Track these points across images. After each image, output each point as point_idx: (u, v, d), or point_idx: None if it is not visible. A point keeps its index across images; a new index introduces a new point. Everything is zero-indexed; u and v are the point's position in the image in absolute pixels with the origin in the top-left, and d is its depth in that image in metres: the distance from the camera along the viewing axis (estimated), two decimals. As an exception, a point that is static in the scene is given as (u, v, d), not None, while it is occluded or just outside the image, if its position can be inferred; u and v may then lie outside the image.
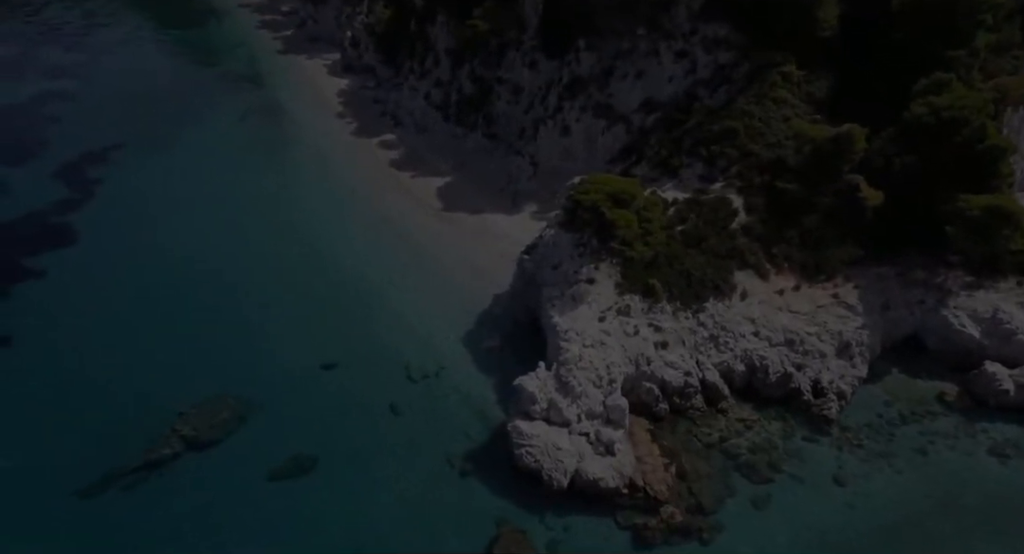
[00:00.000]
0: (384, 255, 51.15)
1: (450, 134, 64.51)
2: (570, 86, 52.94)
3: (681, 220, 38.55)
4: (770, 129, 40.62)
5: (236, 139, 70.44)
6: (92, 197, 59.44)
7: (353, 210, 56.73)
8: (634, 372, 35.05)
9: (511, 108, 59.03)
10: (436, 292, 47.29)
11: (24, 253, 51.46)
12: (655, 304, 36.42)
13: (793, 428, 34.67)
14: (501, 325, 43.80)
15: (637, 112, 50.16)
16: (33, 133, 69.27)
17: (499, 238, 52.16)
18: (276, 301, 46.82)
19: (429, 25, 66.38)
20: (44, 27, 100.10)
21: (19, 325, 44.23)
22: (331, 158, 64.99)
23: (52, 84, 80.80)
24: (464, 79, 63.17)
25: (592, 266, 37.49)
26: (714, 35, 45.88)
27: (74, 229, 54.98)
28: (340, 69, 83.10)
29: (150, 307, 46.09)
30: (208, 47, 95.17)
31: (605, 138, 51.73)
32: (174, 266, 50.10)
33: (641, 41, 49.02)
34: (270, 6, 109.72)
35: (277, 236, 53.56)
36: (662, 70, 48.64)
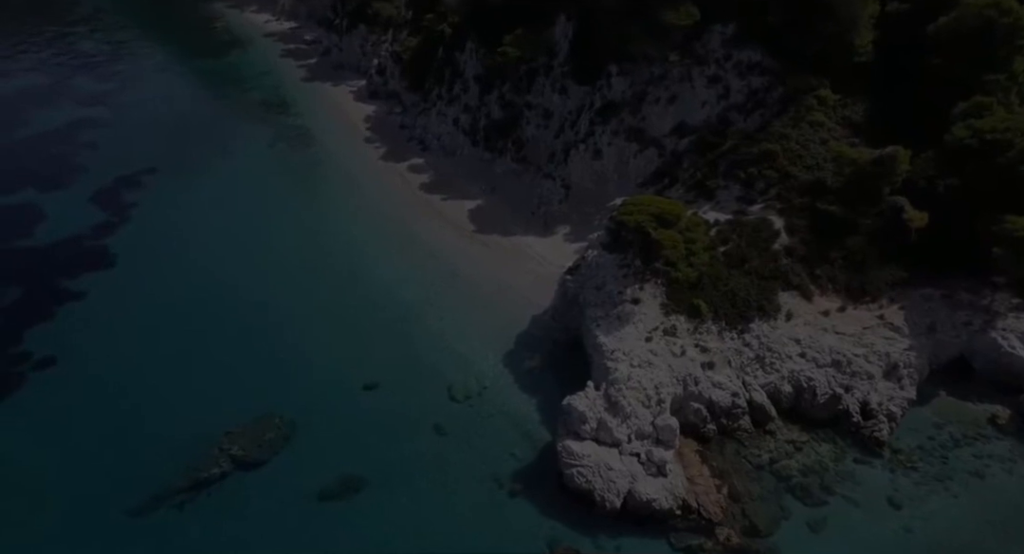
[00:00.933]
0: (419, 276, 51.10)
1: (478, 158, 64.94)
2: (602, 111, 53.33)
3: (723, 241, 38.53)
4: (808, 152, 40.78)
5: (266, 164, 71.05)
6: (128, 221, 59.76)
7: (386, 232, 56.83)
8: (682, 392, 34.72)
9: (541, 133, 59.44)
10: (473, 313, 47.17)
11: (65, 275, 51.58)
12: (701, 324, 36.23)
13: (844, 450, 34.10)
14: (541, 345, 43.56)
15: (669, 136, 50.43)
16: (69, 159, 69.90)
17: (533, 260, 52.23)
18: (314, 322, 46.68)
19: (458, 52, 67.20)
20: (76, 57, 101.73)
21: (63, 346, 44.06)
22: (361, 182, 65.39)
23: (86, 112, 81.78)
24: (493, 104, 63.76)
25: (637, 286, 37.41)
26: (747, 60, 46.32)
27: (112, 252, 55.19)
28: (365, 95, 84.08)
29: (190, 328, 45.95)
30: (234, 75, 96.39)
31: (637, 161, 51.96)
32: (212, 288, 50.11)
33: (674, 67, 49.48)
34: (293, 35, 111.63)
35: (312, 258, 53.62)
36: (695, 95, 49.02)
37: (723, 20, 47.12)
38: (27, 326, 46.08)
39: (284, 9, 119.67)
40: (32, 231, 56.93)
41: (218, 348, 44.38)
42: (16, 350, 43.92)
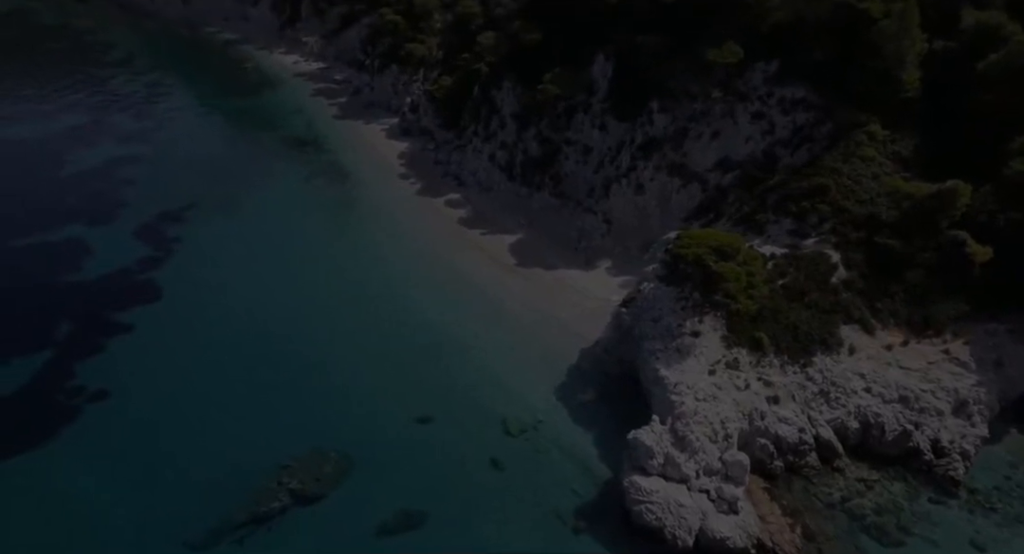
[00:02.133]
0: (464, 310, 50.68)
1: (515, 193, 65.11)
2: (644, 146, 53.55)
3: (781, 274, 38.10)
4: (861, 186, 40.57)
5: (304, 199, 71.41)
6: (172, 254, 59.79)
7: (428, 266, 56.59)
8: (748, 427, 33.89)
9: (580, 168, 59.69)
10: (521, 346, 46.64)
11: (113, 308, 51.33)
12: (763, 358, 35.60)
13: (917, 489, 32.94)
14: (593, 378, 42.91)
15: (713, 171, 50.47)
16: (111, 195, 70.31)
17: (576, 293, 51.85)
18: (362, 354, 46.17)
19: (494, 90, 68.04)
20: (112, 97, 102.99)
21: (115, 379, 43.53)
22: (400, 217, 65.50)
23: (124, 149, 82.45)
24: (530, 141, 64.19)
25: (696, 319, 36.90)
26: (791, 97, 46.48)
27: (158, 285, 55.05)
28: (398, 133, 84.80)
29: (239, 360, 45.41)
30: (267, 114, 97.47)
31: (680, 196, 51.91)
32: (258, 320, 49.70)
33: (716, 103, 49.83)
34: (323, 75, 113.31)
35: (356, 291, 53.27)
36: (738, 130, 49.19)
37: (766, 57, 47.64)
38: (79, 359, 45.63)
39: (313, 50, 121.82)
40: (80, 265, 56.88)
41: (268, 380, 43.74)
42: (70, 383, 43.42)
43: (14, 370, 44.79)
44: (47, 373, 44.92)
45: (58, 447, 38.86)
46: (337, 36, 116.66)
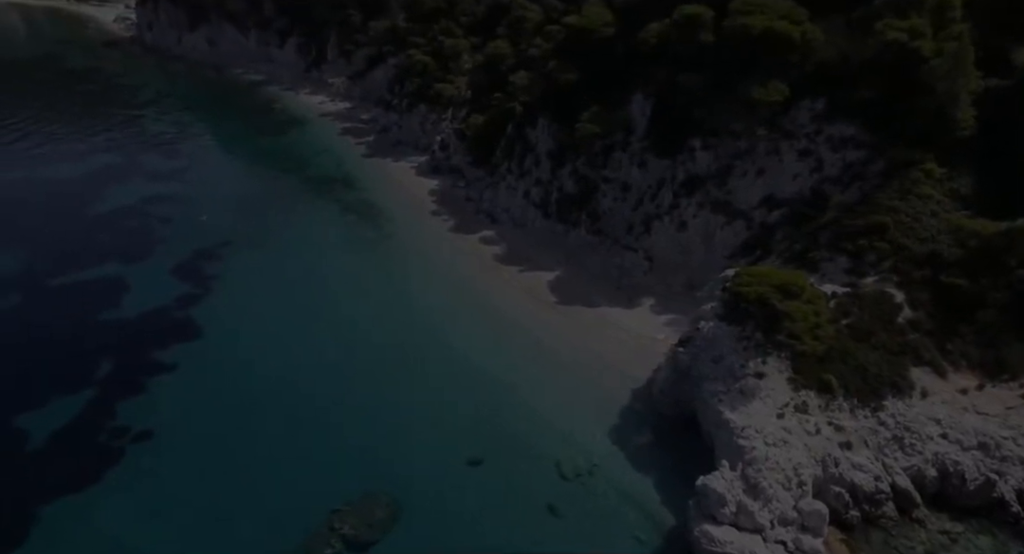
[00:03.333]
0: (507, 348, 49.44)
1: (551, 230, 64.44)
2: (686, 184, 52.93)
3: (844, 314, 36.87)
4: (920, 224, 39.56)
5: (338, 236, 70.93)
6: (210, 292, 59.09)
7: (467, 304, 55.57)
8: (821, 474, 32.25)
9: (618, 205, 59.01)
10: (567, 386, 45.27)
11: (154, 347, 50.32)
12: (832, 401, 34.15)
13: (1006, 544, 30.91)
14: (647, 420, 41.38)
15: (758, 208, 49.63)
16: (147, 233, 70.04)
17: (621, 331, 50.57)
18: (406, 395, 44.81)
19: (529, 128, 68.03)
20: (145, 138, 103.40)
21: (158, 419, 42.29)
22: (435, 254, 64.78)
23: (157, 188, 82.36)
24: (565, 178, 63.78)
25: (759, 360, 35.60)
26: (840, 134, 45.98)
27: (197, 323, 54.17)
28: (427, 170, 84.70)
29: (284, 401, 44.09)
30: (295, 153, 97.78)
31: (724, 233, 51.05)
32: (300, 360, 48.58)
33: (760, 141, 49.39)
34: (349, 115, 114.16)
35: (397, 330, 52.15)
36: (784, 168, 48.47)
37: (812, 95, 47.24)
38: (121, 399, 44.49)
39: (338, 91, 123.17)
40: (120, 303, 56.16)
41: (313, 421, 42.45)
42: (112, 424, 42.18)
43: (56, 411, 43.69)
44: (89, 414, 43.78)
45: (102, 491, 37.50)
46: (363, 77, 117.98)
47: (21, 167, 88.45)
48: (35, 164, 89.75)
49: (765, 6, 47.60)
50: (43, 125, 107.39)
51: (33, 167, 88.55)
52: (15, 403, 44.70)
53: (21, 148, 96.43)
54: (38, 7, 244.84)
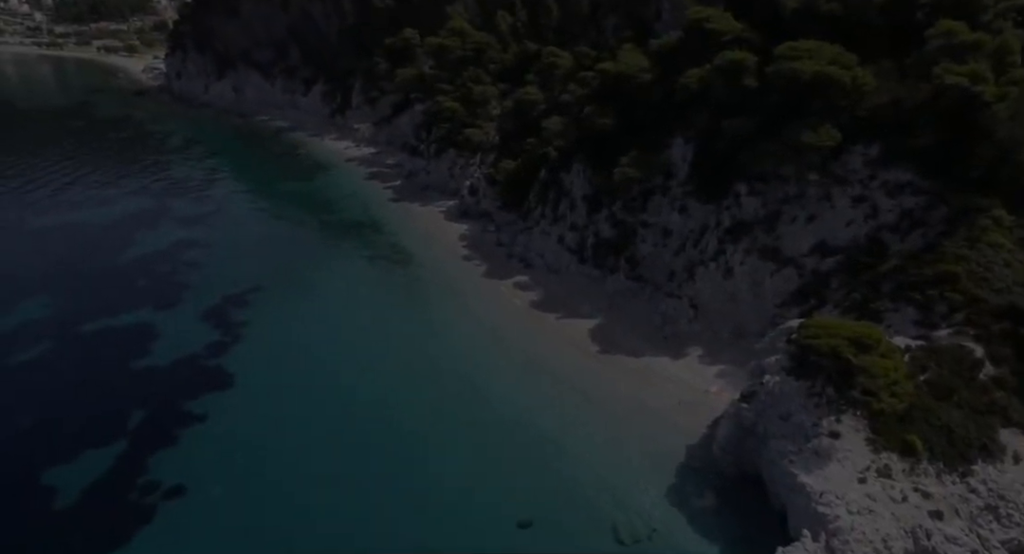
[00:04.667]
0: (550, 399, 47.04)
1: (587, 276, 62.72)
2: (732, 229, 51.22)
3: (921, 369, 34.62)
4: (993, 274, 37.38)
5: (368, 281, 69.49)
6: (240, 339, 57.38)
7: (504, 351, 53.35)
8: (913, 548, 29.52)
9: (658, 250, 57.30)
10: (618, 440, 42.64)
11: (184, 397, 48.39)
12: (917, 465, 31.47)
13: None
14: (708, 480, 38.61)
15: (809, 255, 47.67)
16: (176, 279, 68.95)
17: (669, 382, 48.20)
18: (448, 448, 42.22)
19: (563, 173, 67.07)
20: (174, 183, 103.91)
21: (191, 474, 39.82)
22: (468, 299, 62.99)
23: (186, 233, 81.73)
24: (602, 222, 62.34)
25: (833, 418, 33.15)
26: (896, 180, 44.29)
27: (228, 372, 52.31)
28: (456, 215, 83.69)
29: (321, 455, 41.57)
30: (322, 197, 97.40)
31: (773, 281, 49.00)
32: (334, 412, 46.20)
33: (811, 186, 47.85)
34: (374, 160, 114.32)
35: (434, 378, 49.90)
36: (836, 214, 46.66)
37: (865, 140, 45.82)
38: (152, 452, 42.26)
39: (364, 137, 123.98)
40: (149, 351, 54.49)
41: (347, 479, 39.90)
42: (143, 479, 39.85)
43: (85, 465, 41.49)
44: (119, 467, 41.52)
45: (132, 551, 35.33)
46: (388, 123, 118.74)
47: (54, 212, 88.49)
48: (67, 209, 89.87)
49: (812, 51, 46.62)
50: (75, 171, 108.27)
51: (65, 212, 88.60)
52: (43, 457, 42.62)
53: (54, 194, 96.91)
54: (70, 58, 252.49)
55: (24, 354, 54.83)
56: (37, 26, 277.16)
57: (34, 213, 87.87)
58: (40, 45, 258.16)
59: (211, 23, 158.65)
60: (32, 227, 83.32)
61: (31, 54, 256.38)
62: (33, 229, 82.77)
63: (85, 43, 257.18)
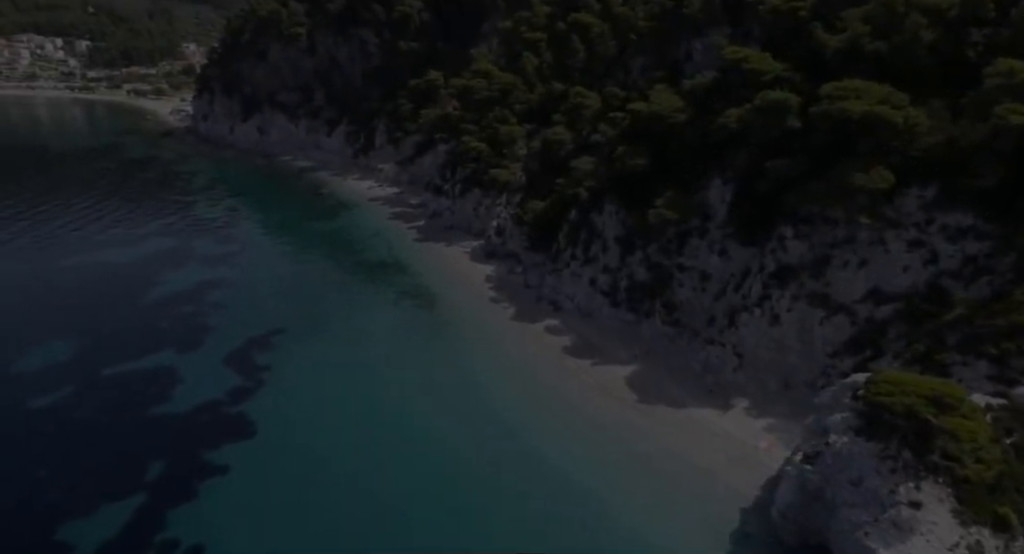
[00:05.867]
0: (588, 453, 44.03)
1: (621, 320, 60.14)
2: (777, 274, 48.69)
3: (1007, 431, 31.63)
4: (1073, 325, 34.86)
5: (394, 323, 67.27)
6: (263, 384, 55.06)
7: (539, 401, 50.51)
8: (1015, 636, 26.31)
9: (697, 295, 54.74)
10: (665, 500, 39.42)
11: (205, 446, 45.91)
12: (1011, 542, 28.40)
13: None
14: (766, 547, 35.27)
15: (863, 302, 44.87)
16: (200, 320, 67.20)
17: (715, 437, 45.06)
18: (485, 510, 39.16)
19: (595, 213, 65.16)
20: (198, 223, 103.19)
21: (210, 531, 36.89)
22: (498, 344, 60.42)
23: (210, 273, 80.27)
24: (636, 265, 60.03)
25: (911, 485, 30.06)
26: (956, 224, 41.75)
27: (250, 419, 49.87)
28: (482, 256, 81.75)
29: (347, 512, 38.83)
30: (346, 237, 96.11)
31: (824, 329, 46.12)
32: (360, 464, 43.68)
33: (862, 229, 45.43)
34: (398, 199, 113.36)
35: (464, 431, 47.02)
36: (891, 259, 44.04)
37: (920, 182, 43.50)
38: (171, 506, 39.55)
39: (387, 176, 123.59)
40: (170, 396, 52.24)
41: (377, 536, 37.50)
42: (161, 536, 37.05)
43: (102, 519, 38.91)
44: (137, 523, 38.87)
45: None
46: (412, 162, 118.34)
47: (81, 252, 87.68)
48: (94, 249, 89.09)
49: (860, 90, 44.72)
50: (104, 211, 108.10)
51: (92, 251, 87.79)
52: (59, 509, 40.27)
53: (83, 233, 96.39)
54: (100, 101, 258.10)
55: (44, 399, 52.81)
56: (71, 71, 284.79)
57: (63, 253, 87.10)
58: (73, 89, 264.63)
59: (239, 67, 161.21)
60: (60, 266, 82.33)
61: (64, 97, 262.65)
62: (61, 268, 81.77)
63: (116, 87, 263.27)
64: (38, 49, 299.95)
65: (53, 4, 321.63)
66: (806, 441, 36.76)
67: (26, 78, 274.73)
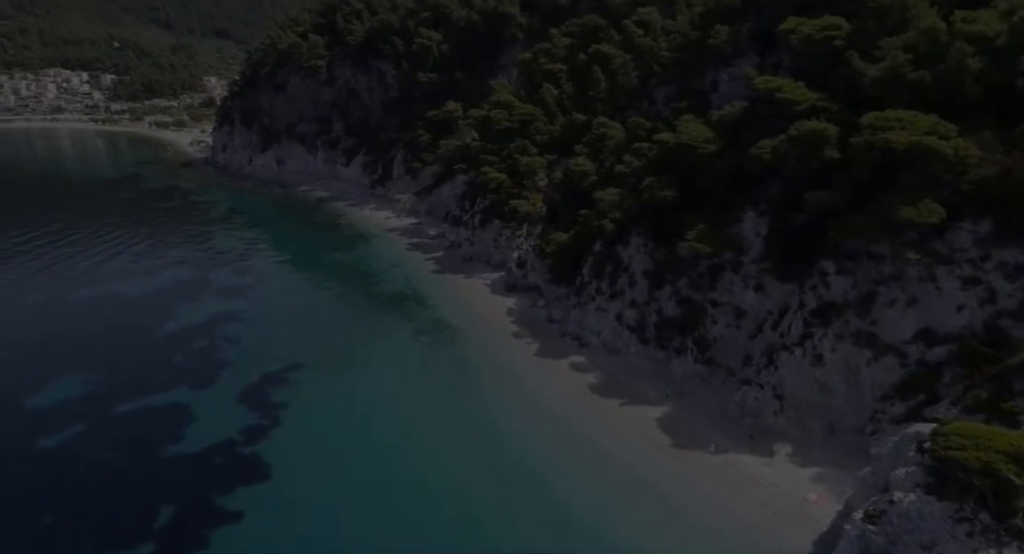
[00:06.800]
0: (622, 505, 40.96)
1: (650, 357, 57.51)
2: (819, 312, 46.12)
3: (1094, 489, 28.70)
4: None
5: (414, 358, 65.01)
6: (279, 423, 52.72)
7: (567, 443, 47.63)
8: None
9: (731, 332, 52.08)
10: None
11: (218, 491, 43.49)
12: (1113, 617, 25.42)
13: None
14: (825, 616, 32.54)
15: (913, 343, 42.17)
16: (215, 355, 65.21)
17: (758, 487, 41.94)
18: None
19: (621, 246, 63.06)
20: (215, 254, 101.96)
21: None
22: (523, 382, 57.79)
23: (226, 305, 78.50)
24: (665, 300, 57.58)
25: (992, 553, 27.36)
26: (1015, 261, 39.27)
27: (265, 461, 47.46)
28: (502, 288, 79.45)
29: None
30: (363, 268, 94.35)
31: (871, 371, 43.28)
32: (379, 511, 41.23)
33: (910, 266, 42.93)
34: (416, 230, 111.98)
35: (488, 475, 44.40)
36: (943, 297, 41.39)
37: (973, 215, 41.09)
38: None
39: (405, 207, 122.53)
40: (183, 436, 50.01)
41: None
42: (172, 595, 35.18)
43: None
44: (145, 578, 36.76)
45: None
46: (430, 193, 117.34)
47: (100, 283, 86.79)
48: (112, 279, 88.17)
49: (904, 121, 42.63)
50: (122, 241, 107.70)
51: (110, 282, 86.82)
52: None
53: (101, 263, 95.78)
54: (122, 133, 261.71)
55: (52, 439, 50.89)
56: (95, 104, 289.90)
57: (81, 284, 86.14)
58: (96, 121, 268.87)
59: (259, 98, 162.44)
60: (77, 298, 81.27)
61: (88, 129, 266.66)
62: (78, 300, 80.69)
63: (138, 119, 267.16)
64: (64, 83, 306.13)
65: (80, 39, 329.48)
66: (862, 495, 33.86)
67: (52, 111, 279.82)
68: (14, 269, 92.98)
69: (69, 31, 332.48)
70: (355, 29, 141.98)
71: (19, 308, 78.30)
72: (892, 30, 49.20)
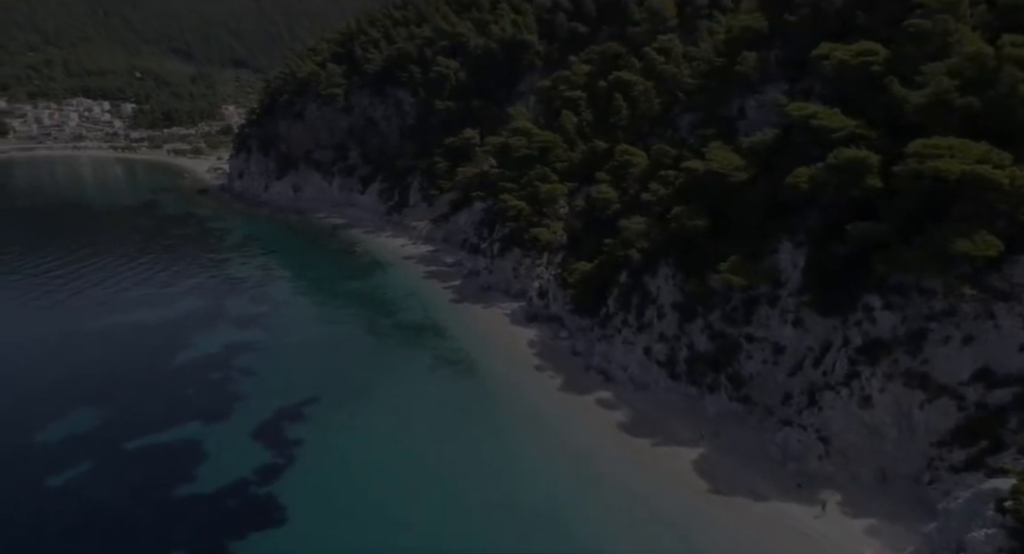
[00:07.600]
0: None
1: (681, 394, 54.69)
2: (865, 350, 43.40)
3: None
4: None
5: (432, 392, 62.54)
6: (294, 461, 50.24)
7: (597, 486, 44.80)
8: None
9: (769, 369, 49.25)
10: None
11: (230, 536, 40.82)
12: None
13: None
14: None
15: (970, 384, 39.40)
16: (228, 387, 62.94)
17: (807, 539, 38.66)
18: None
19: (648, 276, 60.71)
20: (230, 282, 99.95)
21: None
22: (546, 418, 54.99)
23: (241, 335, 76.43)
24: (696, 334, 54.94)
25: (1095, 628, 24.36)
26: (1082, 297, 36.80)
27: (280, 503, 44.87)
28: (523, 319, 76.98)
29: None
30: (380, 297, 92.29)
31: (925, 414, 40.32)
32: None
33: (964, 301, 40.28)
34: (432, 258, 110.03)
35: (515, 521, 41.62)
36: (1003, 336, 38.53)
37: (1032, 249, 38.54)
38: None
39: (421, 234, 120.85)
40: (195, 475, 47.55)
41: None
42: None
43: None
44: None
45: None
46: (447, 220, 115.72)
47: (113, 312, 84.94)
48: (126, 308, 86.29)
49: (954, 148, 40.39)
50: (137, 269, 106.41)
51: (124, 312, 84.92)
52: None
53: (115, 292, 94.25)
54: (141, 160, 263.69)
55: (60, 477, 48.67)
56: (115, 132, 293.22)
57: (94, 313, 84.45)
58: (116, 148, 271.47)
59: (276, 126, 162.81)
60: (90, 329, 79.43)
61: (107, 157, 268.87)
62: (91, 330, 78.86)
63: (157, 146, 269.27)
64: (86, 111, 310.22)
65: (103, 70, 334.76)
66: None
67: (73, 138, 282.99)
68: (30, 301, 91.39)
69: (93, 62, 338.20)
70: (373, 58, 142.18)
71: (33, 339, 76.66)
72: (934, 55, 47.11)
